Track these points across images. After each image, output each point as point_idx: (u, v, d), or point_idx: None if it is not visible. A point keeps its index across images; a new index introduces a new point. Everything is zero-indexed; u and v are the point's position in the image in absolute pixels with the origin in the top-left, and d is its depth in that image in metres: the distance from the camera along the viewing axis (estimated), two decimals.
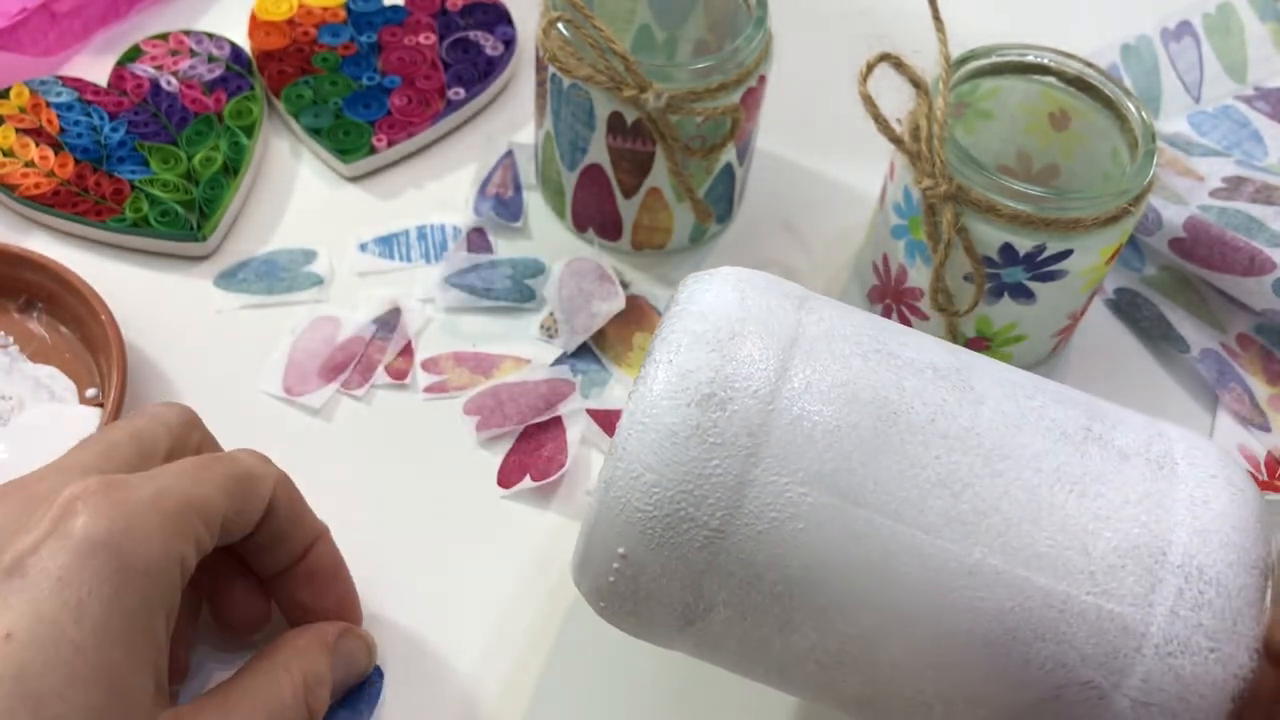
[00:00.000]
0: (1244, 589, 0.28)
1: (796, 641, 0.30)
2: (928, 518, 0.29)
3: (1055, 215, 0.42)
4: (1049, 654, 0.28)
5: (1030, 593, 0.28)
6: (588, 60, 0.45)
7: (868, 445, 0.29)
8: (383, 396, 0.48)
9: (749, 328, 0.30)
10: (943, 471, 0.29)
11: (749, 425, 0.29)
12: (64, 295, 0.47)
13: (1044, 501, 0.29)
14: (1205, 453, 0.31)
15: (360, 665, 0.38)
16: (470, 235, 0.53)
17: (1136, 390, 0.51)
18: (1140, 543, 0.29)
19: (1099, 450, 0.30)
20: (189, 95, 0.55)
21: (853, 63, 0.43)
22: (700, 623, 0.31)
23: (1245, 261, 0.49)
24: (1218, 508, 0.29)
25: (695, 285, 0.33)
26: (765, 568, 0.29)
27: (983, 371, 0.32)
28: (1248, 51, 0.59)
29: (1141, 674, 0.28)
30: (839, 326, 0.32)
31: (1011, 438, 0.30)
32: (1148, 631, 0.28)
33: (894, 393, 0.30)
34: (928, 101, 0.43)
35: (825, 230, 0.55)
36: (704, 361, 0.30)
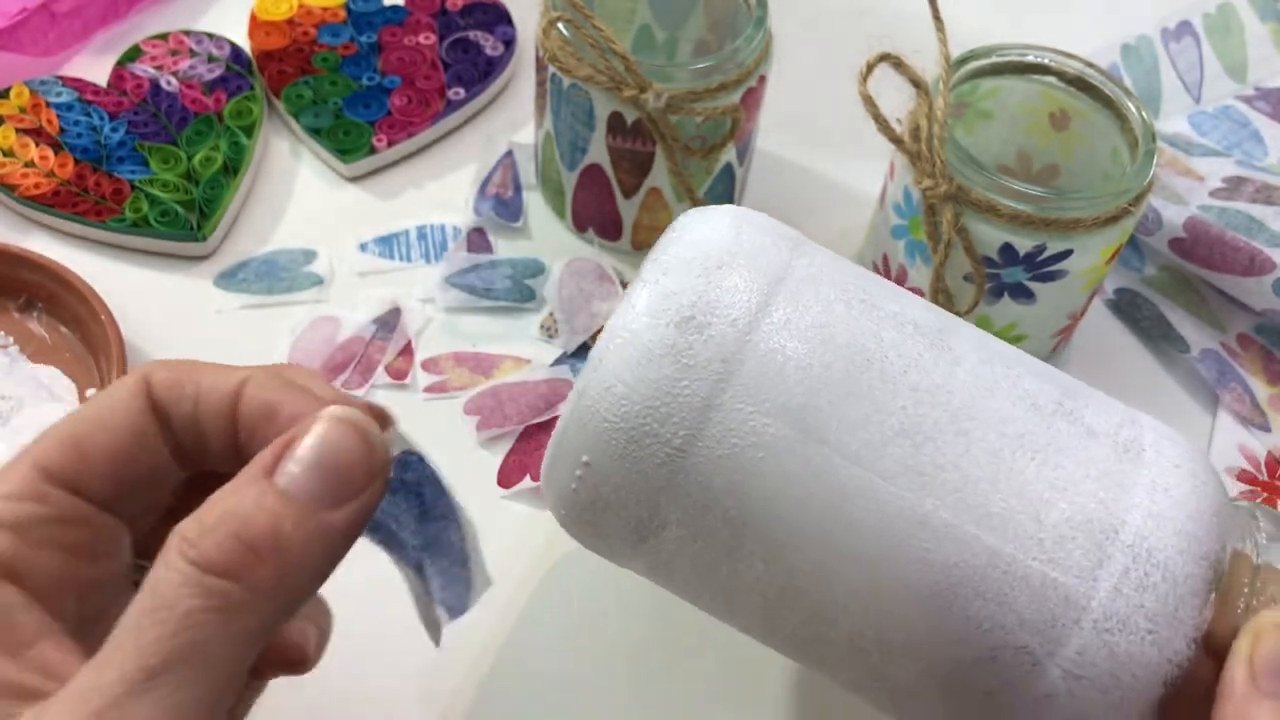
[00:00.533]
0: (1190, 578, 0.29)
1: (744, 571, 0.30)
2: (886, 464, 0.29)
3: (1055, 215, 0.42)
4: (988, 614, 0.29)
5: (978, 550, 0.29)
6: (588, 60, 0.45)
7: (837, 386, 0.30)
8: (383, 396, 0.48)
9: (738, 260, 0.31)
10: (907, 422, 0.29)
11: (723, 351, 0.29)
12: (64, 295, 0.47)
13: (1004, 465, 0.29)
14: (1174, 444, 0.31)
15: (340, 457, 0.25)
16: (470, 235, 0.53)
17: (1136, 390, 0.51)
18: (1094, 517, 0.29)
19: (1067, 424, 0.31)
20: (189, 95, 0.55)
21: (853, 63, 0.43)
22: (653, 540, 0.31)
23: (1245, 261, 0.49)
24: (1176, 496, 0.30)
25: (692, 217, 0.33)
26: (722, 493, 0.29)
27: (965, 336, 0.32)
28: (1248, 51, 0.59)
29: (1077, 646, 0.28)
30: (828, 272, 0.32)
31: (982, 400, 0.30)
32: (1089, 605, 0.28)
33: (871, 341, 0.30)
34: (928, 101, 0.43)
35: (825, 230, 0.55)
36: (688, 285, 0.30)
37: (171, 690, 0.22)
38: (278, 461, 0.25)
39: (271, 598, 0.24)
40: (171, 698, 0.22)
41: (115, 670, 0.22)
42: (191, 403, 0.27)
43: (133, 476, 0.27)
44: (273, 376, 0.28)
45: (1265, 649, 0.27)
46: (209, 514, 0.24)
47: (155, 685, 0.22)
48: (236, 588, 0.23)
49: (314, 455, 0.25)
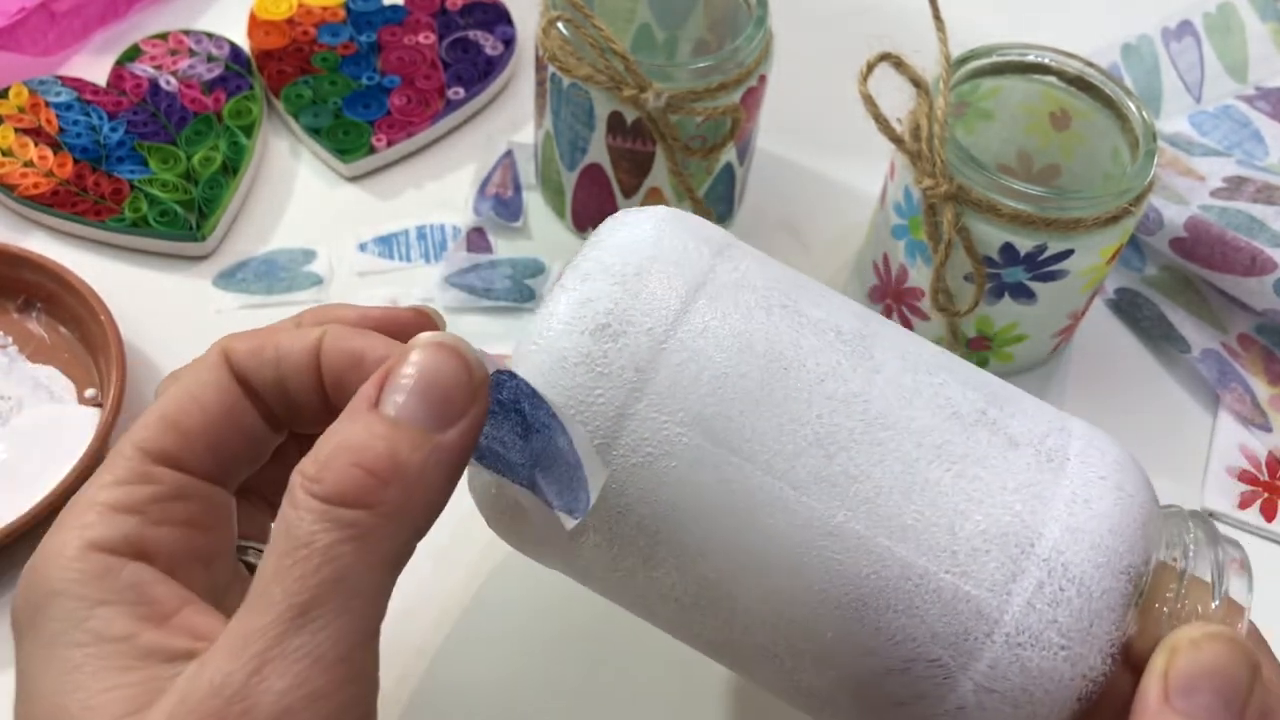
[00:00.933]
0: (1108, 593, 0.28)
1: (659, 578, 0.30)
2: (798, 474, 0.29)
3: (1056, 215, 0.42)
4: (900, 626, 0.28)
5: (889, 562, 0.28)
6: (588, 60, 0.45)
7: (751, 395, 0.29)
8: None
9: (657, 266, 0.31)
10: (821, 431, 0.29)
11: (637, 360, 0.29)
12: (63, 295, 0.47)
13: (918, 476, 0.29)
14: (1103, 454, 0.31)
15: (441, 380, 0.26)
16: (470, 235, 0.53)
17: (1137, 390, 0.51)
18: (1009, 530, 0.28)
19: (988, 434, 0.30)
20: (188, 95, 0.55)
21: (853, 63, 0.43)
22: (573, 545, 0.31)
23: (1246, 261, 0.49)
24: (1098, 509, 0.29)
25: (617, 220, 0.33)
26: (635, 500, 0.29)
27: (889, 343, 0.32)
28: (1248, 51, 0.59)
29: (989, 660, 0.28)
30: (752, 278, 0.32)
31: (899, 409, 0.30)
32: (1001, 619, 0.28)
33: (789, 349, 0.30)
34: (928, 101, 0.43)
35: (825, 230, 0.55)
36: (605, 293, 0.30)
37: (326, 622, 0.23)
38: (380, 393, 0.26)
39: (401, 520, 0.25)
40: (327, 629, 0.23)
41: (268, 613, 0.23)
42: (273, 367, 0.29)
43: (231, 447, 0.28)
44: (346, 327, 0.29)
45: (1179, 665, 0.26)
46: (324, 451, 0.25)
47: (310, 620, 0.23)
48: (367, 515, 0.24)
49: (415, 381, 0.26)
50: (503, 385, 0.28)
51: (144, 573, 0.26)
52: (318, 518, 0.24)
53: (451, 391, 0.26)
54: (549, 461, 0.29)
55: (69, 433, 0.44)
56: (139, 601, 0.25)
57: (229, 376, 0.29)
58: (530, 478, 0.29)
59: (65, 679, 0.24)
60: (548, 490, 0.29)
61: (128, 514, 0.26)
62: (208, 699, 0.23)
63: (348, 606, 0.24)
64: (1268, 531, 0.47)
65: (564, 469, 0.29)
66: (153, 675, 0.24)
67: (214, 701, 0.23)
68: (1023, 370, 0.50)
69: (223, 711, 0.23)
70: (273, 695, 0.23)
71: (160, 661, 0.24)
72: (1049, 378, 0.51)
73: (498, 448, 0.29)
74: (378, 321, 0.30)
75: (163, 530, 0.27)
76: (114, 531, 0.26)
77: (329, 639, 0.23)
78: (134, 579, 0.26)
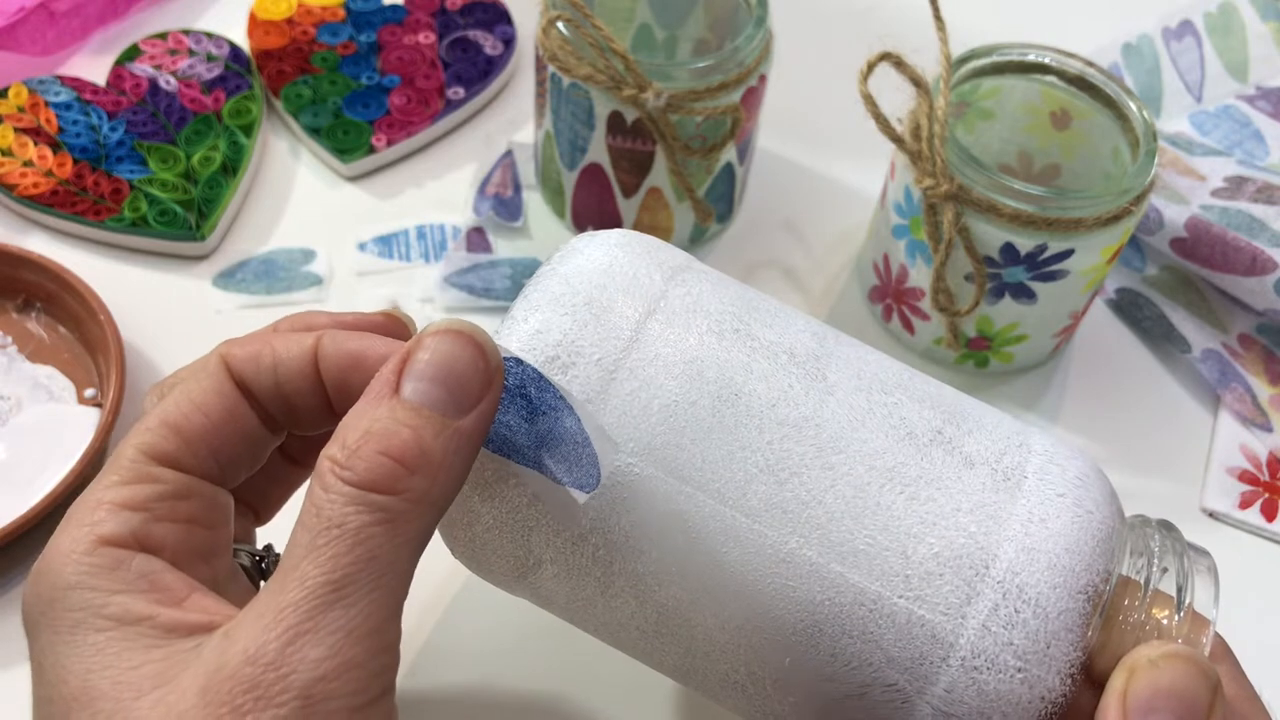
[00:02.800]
0: (1065, 613, 0.28)
1: (618, 606, 0.30)
2: (750, 501, 0.29)
3: (1056, 215, 0.42)
4: (855, 651, 0.28)
5: (843, 588, 0.28)
6: (587, 60, 0.45)
7: (702, 424, 0.29)
8: None
9: (606, 295, 0.30)
10: (772, 458, 0.29)
11: (587, 391, 0.29)
12: (62, 295, 0.47)
13: (870, 500, 0.29)
14: (1063, 470, 0.30)
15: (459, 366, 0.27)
16: (470, 235, 0.53)
17: (1137, 390, 0.51)
18: (963, 553, 0.28)
19: (943, 454, 0.30)
20: (188, 94, 0.55)
21: (853, 63, 0.43)
22: (532, 576, 0.31)
23: (1247, 261, 0.49)
24: (1054, 528, 0.29)
25: (569, 246, 0.33)
26: (589, 530, 0.29)
27: (843, 362, 0.31)
28: (1249, 51, 0.59)
29: (945, 684, 0.28)
30: (705, 301, 0.31)
31: (852, 432, 0.30)
32: (956, 642, 0.28)
33: (740, 374, 0.30)
34: (928, 101, 0.43)
35: (825, 230, 0.55)
36: (555, 324, 0.30)
37: (359, 598, 0.25)
38: (399, 379, 0.26)
39: (427, 504, 0.26)
40: (360, 604, 0.24)
41: (301, 589, 0.24)
42: (271, 372, 0.29)
43: (231, 450, 0.29)
44: (342, 330, 0.30)
45: (1138, 686, 0.26)
46: (350, 437, 0.26)
47: (343, 595, 0.24)
48: (397, 500, 0.25)
49: (434, 369, 0.27)
50: (509, 371, 0.29)
51: (153, 563, 0.27)
52: (348, 501, 0.25)
53: (468, 377, 0.27)
54: (556, 442, 0.29)
55: (69, 432, 0.44)
56: (152, 588, 0.26)
57: (229, 382, 0.29)
58: (537, 459, 0.29)
59: (91, 660, 0.25)
60: (556, 470, 0.29)
61: (134, 511, 0.27)
62: (243, 666, 0.24)
63: (379, 583, 0.25)
64: (1268, 531, 0.47)
65: (572, 448, 0.29)
66: (177, 649, 0.25)
67: (249, 669, 0.24)
68: (1023, 370, 0.50)
69: (258, 678, 0.24)
70: (309, 664, 0.24)
71: (181, 636, 0.25)
72: (1049, 378, 0.51)
73: (504, 432, 0.29)
74: (352, 326, 0.31)
75: (167, 527, 0.28)
76: (122, 527, 0.27)
77: (361, 613, 0.25)
78: (145, 568, 0.27)
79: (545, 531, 0.30)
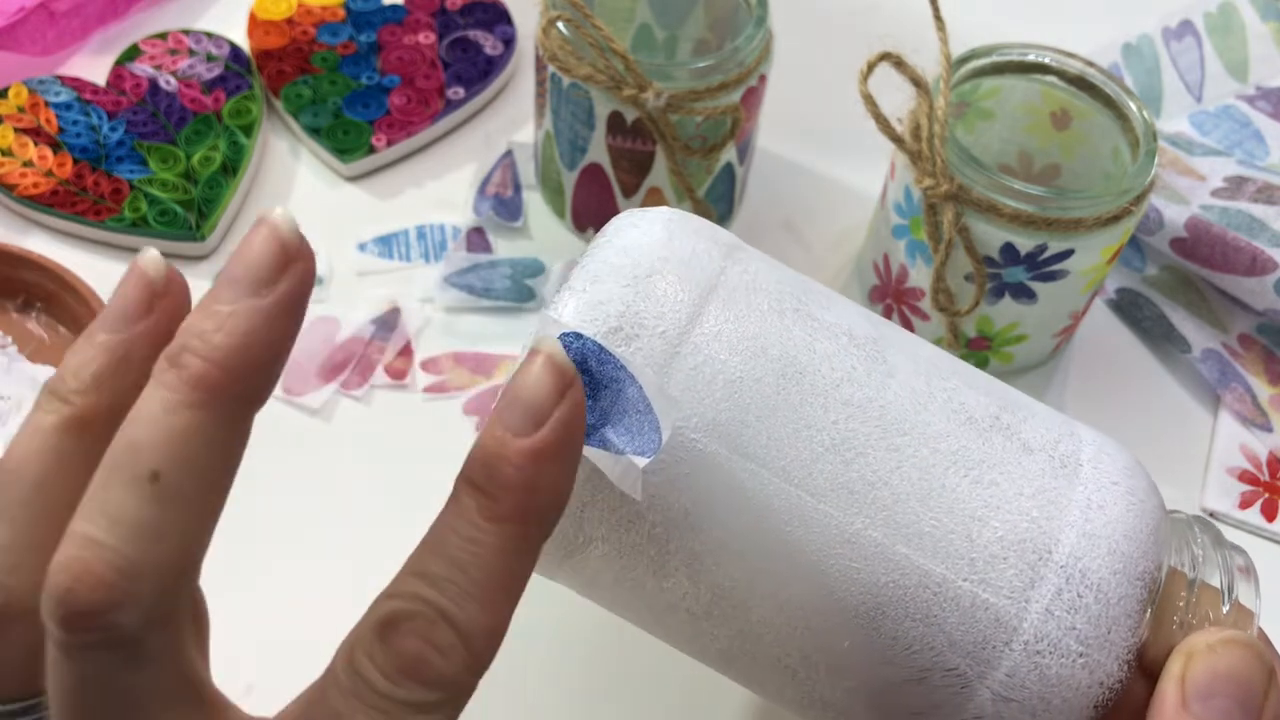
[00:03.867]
0: (1124, 599, 0.28)
1: (670, 587, 0.30)
2: (815, 481, 0.28)
3: (1056, 215, 0.42)
4: (918, 634, 0.28)
5: (907, 570, 0.28)
6: (587, 60, 0.45)
7: (767, 401, 0.29)
8: (382, 397, 0.48)
9: (669, 267, 0.30)
10: (838, 437, 0.29)
11: (651, 364, 0.29)
12: (63, 295, 0.47)
13: (936, 482, 0.29)
14: (1114, 459, 0.31)
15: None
16: (470, 235, 0.53)
17: (1137, 390, 0.51)
18: (1027, 537, 0.28)
19: (1003, 440, 0.30)
20: (188, 94, 0.55)
21: (853, 63, 0.43)
22: (579, 555, 0.30)
23: (1247, 261, 0.49)
24: (1112, 514, 0.29)
25: (625, 220, 0.32)
26: (646, 507, 0.29)
27: (900, 346, 0.31)
28: (1249, 51, 0.59)
29: (1007, 668, 0.28)
30: (763, 280, 0.31)
31: (915, 414, 0.30)
32: (1020, 627, 0.28)
33: (804, 353, 0.30)
34: (928, 101, 0.43)
35: (826, 230, 0.55)
36: (617, 295, 0.29)
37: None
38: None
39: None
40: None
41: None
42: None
43: None
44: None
45: (1196, 670, 0.27)
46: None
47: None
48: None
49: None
50: (569, 347, 0.28)
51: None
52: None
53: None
54: (618, 415, 0.28)
55: None
56: None
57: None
58: (601, 436, 0.28)
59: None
60: (620, 442, 0.28)
61: None
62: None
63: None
64: (1268, 531, 0.47)
65: (634, 417, 0.28)
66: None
67: None
68: (1023, 370, 0.50)
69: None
70: None
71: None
72: (1049, 378, 0.51)
73: None
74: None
75: None
76: None
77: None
78: None
79: (600, 508, 0.29)
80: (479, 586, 0.23)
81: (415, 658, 0.22)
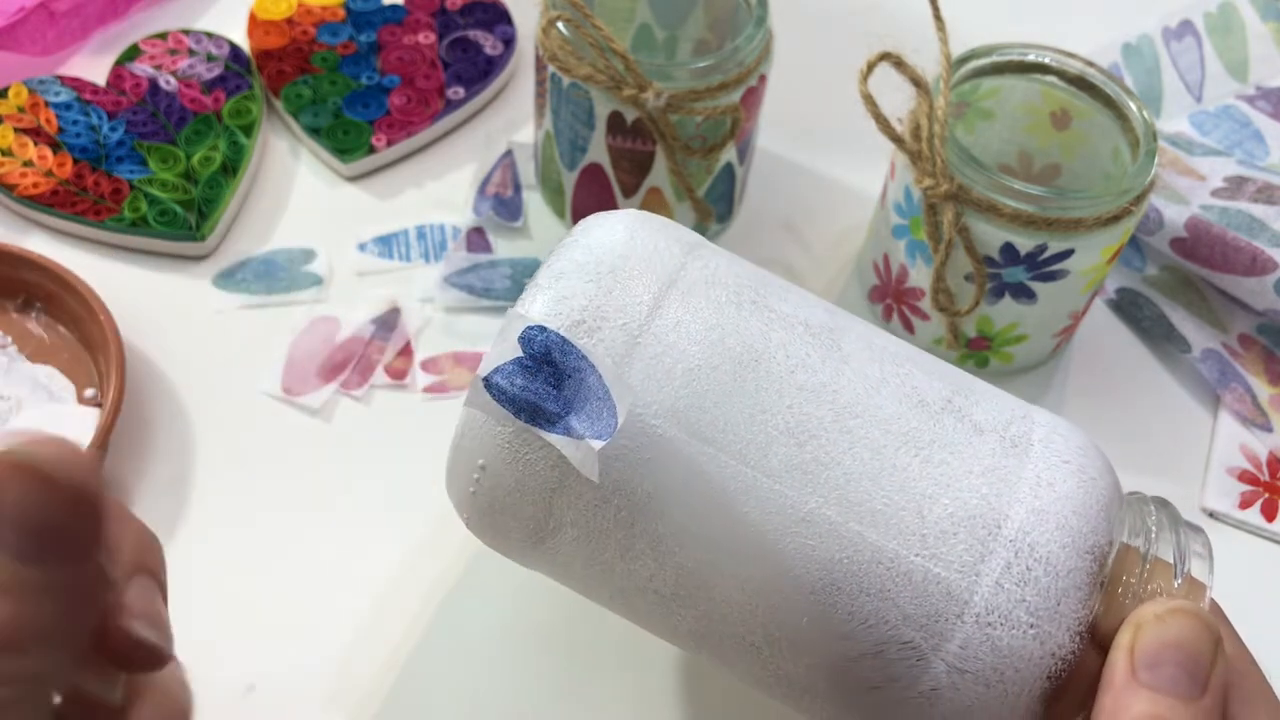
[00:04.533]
0: (1073, 572, 0.29)
1: (637, 569, 0.31)
2: (770, 462, 0.30)
3: (1056, 215, 0.42)
4: (872, 609, 0.29)
5: (860, 547, 0.29)
6: (587, 60, 0.45)
7: (724, 387, 0.30)
8: (382, 396, 0.48)
9: (630, 264, 0.32)
10: (792, 421, 0.30)
11: (613, 355, 0.30)
12: (62, 295, 0.47)
13: (887, 462, 0.30)
14: (1066, 440, 0.32)
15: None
16: (470, 235, 0.53)
17: (1137, 390, 0.51)
18: (976, 513, 0.29)
19: (954, 421, 0.31)
20: (188, 94, 0.55)
21: (853, 63, 0.43)
22: (551, 541, 0.32)
23: (1247, 261, 0.49)
24: (1062, 491, 0.30)
25: (591, 221, 0.34)
26: (612, 492, 0.30)
27: (855, 335, 0.33)
28: (1249, 51, 0.59)
29: (960, 640, 0.29)
30: (722, 275, 0.33)
31: (867, 398, 0.31)
32: (970, 599, 0.29)
33: (760, 341, 0.31)
34: (928, 101, 0.43)
35: (826, 230, 0.55)
36: (580, 290, 0.31)
37: None
38: None
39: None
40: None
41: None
42: None
43: None
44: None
45: (1145, 640, 0.27)
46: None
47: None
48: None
49: None
50: (533, 340, 0.30)
51: None
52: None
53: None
54: (581, 401, 0.30)
55: (68, 433, 0.44)
56: None
57: None
58: (565, 423, 0.30)
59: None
60: (583, 429, 0.29)
61: None
62: None
63: None
64: (1268, 531, 0.47)
65: (595, 405, 0.30)
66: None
67: None
68: (1023, 370, 0.50)
69: None
70: None
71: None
72: (1049, 378, 0.51)
73: (532, 399, 0.29)
74: None
75: None
76: None
77: None
78: None
79: (568, 494, 0.30)
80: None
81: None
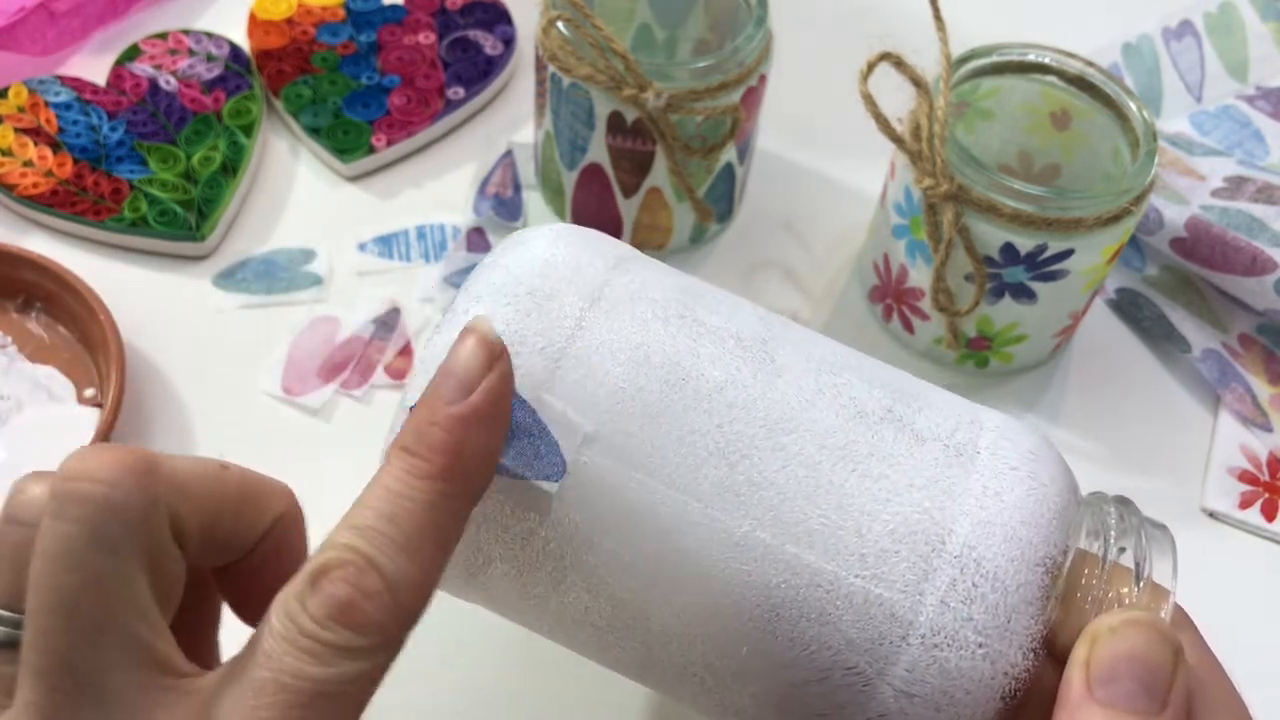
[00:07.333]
0: (1023, 586, 0.27)
1: (570, 602, 0.30)
2: (700, 486, 0.28)
3: (1056, 215, 0.42)
4: (814, 635, 0.28)
5: (798, 570, 0.28)
6: (587, 60, 0.45)
7: (650, 409, 0.29)
8: (382, 396, 0.48)
9: (550, 284, 0.30)
10: (722, 441, 0.29)
11: (532, 381, 0.29)
12: (62, 295, 0.47)
13: (823, 479, 0.28)
14: (1015, 444, 0.30)
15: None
16: (470, 235, 0.53)
17: (1138, 390, 0.51)
18: (919, 529, 0.28)
19: (894, 432, 0.29)
20: (188, 94, 0.55)
21: (853, 63, 0.43)
22: (482, 576, 0.30)
23: (1247, 261, 0.49)
24: (1009, 500, 0.28)
25: (512, 239, 0.32)
26: (538, 524, 0.29)
27: (792, 346, 0.31)
28: (1249, 51, 0.59)
29: (906, 663, 0.27)
30: (648, 289, 0.31)
31: (802, 412, 0.29)
32: (915, 620, 0.27)
33: (687, 358, 0.30)
34: (928, 101, 0.43)
35: (825, 230, 0.55)
36: (498, 314, 0.29)
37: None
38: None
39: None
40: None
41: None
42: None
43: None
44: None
45: (1099, 654, 0.26)
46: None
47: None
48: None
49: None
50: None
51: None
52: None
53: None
54: (512, 442, 0.28)
55: (68, 433, 0.44)
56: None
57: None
58: (517, 471, 0.28)
59: None
60: (517, 469, 0.28)
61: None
62: None
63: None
64: (1268, 531, 0.47)
65: (528, 443, 0.28)
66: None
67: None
68: (1023, 370, 0.50)
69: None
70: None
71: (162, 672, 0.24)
72: (1049, 378, 0.51)
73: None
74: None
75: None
76: None
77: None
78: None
79: (494, 527, 0.29)
80: (408, 539, 0.24)
81: (343, 602, 0.23)
